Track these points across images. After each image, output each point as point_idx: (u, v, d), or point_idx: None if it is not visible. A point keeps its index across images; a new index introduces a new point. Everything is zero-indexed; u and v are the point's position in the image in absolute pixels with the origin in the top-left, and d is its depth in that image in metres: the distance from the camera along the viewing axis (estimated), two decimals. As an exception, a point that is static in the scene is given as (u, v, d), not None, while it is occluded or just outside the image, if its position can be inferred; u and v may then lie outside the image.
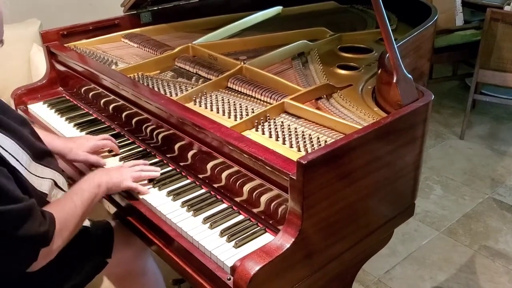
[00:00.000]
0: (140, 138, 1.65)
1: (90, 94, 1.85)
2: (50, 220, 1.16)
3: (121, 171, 1.41)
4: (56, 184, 1.36)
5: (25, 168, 1.24)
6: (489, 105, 3.82)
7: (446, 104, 3.94)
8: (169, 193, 1.39)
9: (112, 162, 1.56)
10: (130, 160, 1.54)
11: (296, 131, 1.41)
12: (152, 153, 1.58)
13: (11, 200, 1.09)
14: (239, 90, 1.65)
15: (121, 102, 1.68)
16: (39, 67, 2.42)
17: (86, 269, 1.44)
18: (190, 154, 1.44)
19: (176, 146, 1.49)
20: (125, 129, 1.71)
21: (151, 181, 1.44)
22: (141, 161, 1.49)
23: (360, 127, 1.30)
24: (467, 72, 3.93)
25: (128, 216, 1.43)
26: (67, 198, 1.28)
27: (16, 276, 1.21)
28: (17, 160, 1.22)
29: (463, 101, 3.62)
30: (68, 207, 1.23)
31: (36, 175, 1.27)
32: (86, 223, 1.49)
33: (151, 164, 1.51)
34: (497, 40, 3.10)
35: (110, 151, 1.61)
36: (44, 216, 1.15)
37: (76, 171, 1.63)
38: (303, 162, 1.07)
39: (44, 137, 1.45)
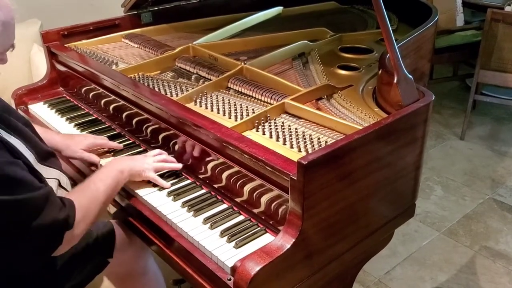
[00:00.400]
0: (140, 138, 1.65)
1: (91, 94, 1.85)
2: (69, 205, 1.18)
3: (145, 160, 1.42)
4: (60, 184, 1.37)
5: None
6: (489, 106, 3.82)
7: (447, 104, 3.94)
8: (169, 193, 1.39)
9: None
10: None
11: (296, 132, 1.41)
12: (153, 153, 1.58)
13: (30, 188, 1.11)
14: (240, 90, 1.65)
15: (122, 102, 1.68)
16: (39, 67, 2.42)
17: (87, 269, 1.44)
18: (190, 154, 1.44)
19: (176, 147, 1.49)
20: (126, 129, 1.71)
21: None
22: (164, 152, 1.49)
23: (360, 127, 1.30)
24: (467, 73, 3.93)
25: (129, 216, 1.43)
26: (89, 184, 1.29)
27: (41, 262, 1.22)
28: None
29: (463, 102, 3.62)
30: (90, 193, 1.25)
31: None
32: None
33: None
34: (498, 40, 3.10)
35: (112, 151, 1.61)
36: (63, 202, 1.17)
37: (77, 171, 1.63)
38: (304, 163, 1.07)
39: (42, 133, 1.46)
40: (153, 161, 1.43)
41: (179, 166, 1.46)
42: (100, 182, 1.29)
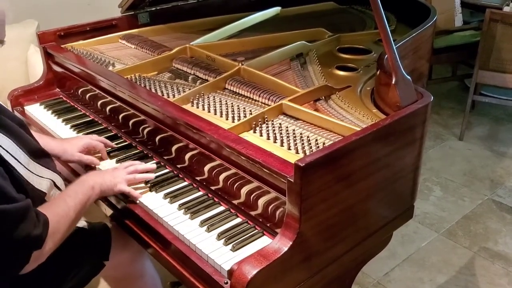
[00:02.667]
0: (137, 139, 1.64)
1: (87, 95, 1.84)
2: (44, 222, 1.15)
3: (115, 173, 1.39)
4: (55, 184, 1.36)
5: (25, 167, 1.24)
6: (488, 106, 3.82)
7: (446, 105, 3.93)
8: (166, 196, 1.38)
9: (108, 164, 1.55)
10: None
11: (294, 133, 1.39)
12: (149, 155, 1.57)
13: (6, 199, 1.09)
14: (237, 91, 1.64)
15: (118, 103, 1.67)
16: (36, 68, 2.41)
17: (84, 271, 1.43)
18: (187, 156, 1.43)
19: (173, 148, 1.48)
20: (122, 130, 1.70)
21: (147, 182, 1.43)
22: (136, 162, 1.47)
23: (358, 128, 1.29)
24: (466, 73, 3.93)
25: (125, 219, 1.42)
26: (60, 199, 1.26)
27: (7, 279, 1.20)
28: (16, 159, 1.22)
29: (462, 102, 3.61)
30: (61, 210, 1.22)
31: (35, 174, 1.27)
32: (83, 224, 1.49)
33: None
34: (497, 41, 3.10)
35: (109, 151, 1.59)
36: (38, 218, 1.14)
37: (72, 172, 1.62)
38: (301, 165, 1.06)
39: (38, 139, 1.44)
40: (125, 173, 1.39)
41: (152, 176, 1.43)
42: (72, 199, 1.26)
